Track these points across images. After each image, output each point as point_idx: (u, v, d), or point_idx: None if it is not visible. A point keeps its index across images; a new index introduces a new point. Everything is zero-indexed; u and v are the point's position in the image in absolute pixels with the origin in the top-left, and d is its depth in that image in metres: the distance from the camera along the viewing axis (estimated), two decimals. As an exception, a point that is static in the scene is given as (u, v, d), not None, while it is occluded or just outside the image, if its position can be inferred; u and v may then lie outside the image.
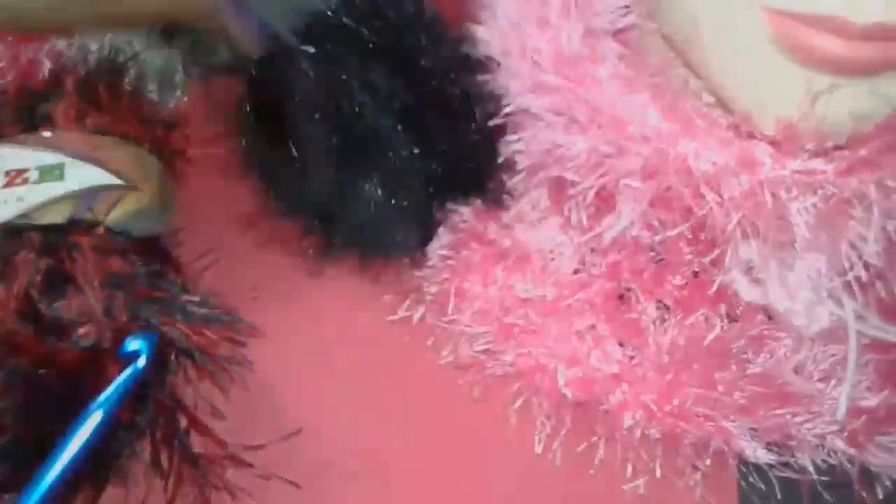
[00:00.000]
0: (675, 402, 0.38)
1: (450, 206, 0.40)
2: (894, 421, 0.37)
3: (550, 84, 0.36)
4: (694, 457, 0.37)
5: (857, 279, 0.34)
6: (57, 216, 0.37)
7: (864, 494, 0.37)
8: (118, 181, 0.39)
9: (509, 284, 0.41)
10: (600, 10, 0.36)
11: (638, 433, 0.38)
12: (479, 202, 0.42)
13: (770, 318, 0.38)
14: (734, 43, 0.32)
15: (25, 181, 0.37)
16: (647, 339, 0.39)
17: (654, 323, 0.40)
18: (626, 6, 0.37)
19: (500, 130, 0.40)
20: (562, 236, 0.43)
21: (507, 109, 0.38)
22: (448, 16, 0.44)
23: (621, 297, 0.41)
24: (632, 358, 0.39)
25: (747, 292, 0.37)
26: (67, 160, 0.39)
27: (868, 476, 0.37)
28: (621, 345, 0.40)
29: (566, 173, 0.37)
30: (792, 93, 0.31)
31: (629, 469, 0.38)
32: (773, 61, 0.31)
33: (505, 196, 0.41)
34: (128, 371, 0.34)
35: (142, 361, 0.34)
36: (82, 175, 0.39)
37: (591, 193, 0.37)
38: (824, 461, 0.37)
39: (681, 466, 0.38)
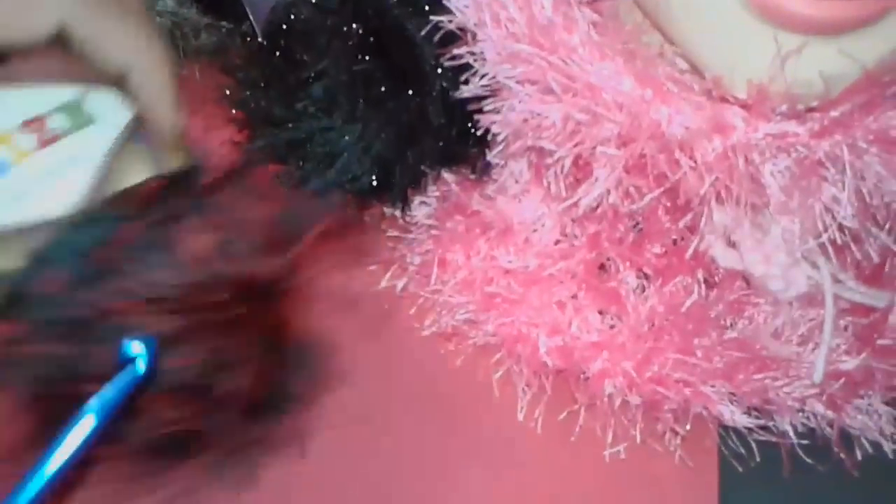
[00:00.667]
0: (655, 368, 0.38)
1: (428, 167, 0.41)
2: (872, 383, 0.37)
3: (524, 53, 0.36)
4: (674, 422, 0.38)
5: (833, 241, 0.34)
6: (137, 173, 0.32)
7: (842, 456, 0.37)
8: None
9: (492, 255, 0.42)
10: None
11: (618, 400, 0.39)
12: (459, 171, 0.43)
13: (748, 283, 0.39)
14: (703, 4, 0.32)
15: (56, 136, 0.31)
16: (627, 307, 0.39)
17: (633, 291, 0.40)
18: (600, -27, 0.37)
19: (476, 100, 0.40)
20: (543, 207, 0.43)
21: (484, 80, 0.39)
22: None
23: (602, 266, 0.41)
24: (612, 326, 0.40)
25: (724, 258, 0.37)
26: (79, 90, 0.33)
27: (847, 439, 0.37)
28: (601, 313, 0.40)
29: (543, 143, 0.37)
30: (762, 54, 0.31)
31: (610, 435, 0.38)
32: (743, 22, 0.31)
33: (482, 163, 0.41)
34: (125, 376, 0.30)
35: (141, 366, 0.30)
36: (105, 107, 0.33)
37: (568, 162, 0.37)
38: (803, 424, 0.38)
39: (661, 432, 0.38)
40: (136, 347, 0.30)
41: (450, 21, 0.39)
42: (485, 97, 0.39)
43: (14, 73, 0.32)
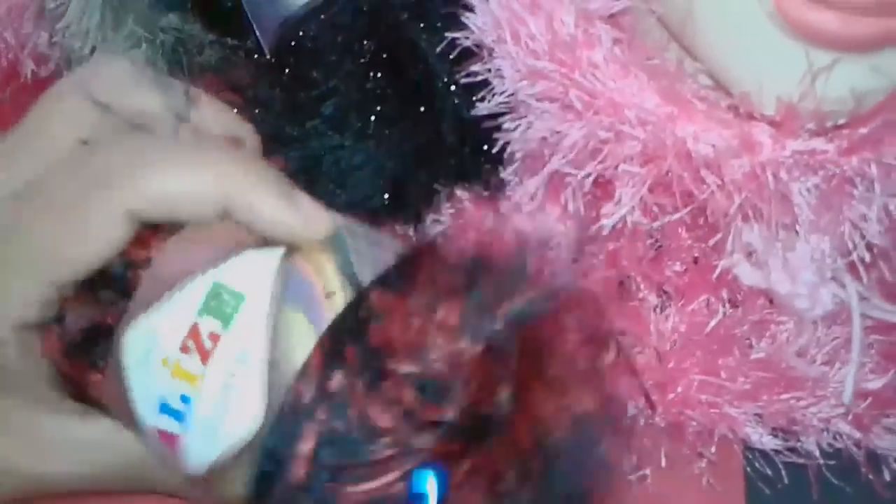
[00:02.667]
0: (679, 389, 0.37)
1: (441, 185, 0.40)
2: (899, 402, 0.37)
3: (545, 70, 0.35)
4: (699, 444, 0.37)
5: (860, 259, 0.34)
6: (297, 336, 0.28)
7: (870, 477, 0.37)
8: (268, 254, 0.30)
9: (507, 275, 0.41)
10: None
11: (642, 422, 0.38)
12: (472, 188, 0.42)
13: (772, 302, 0.38)
14: (731, 21, 0.31)
15: (214, 337, 0.28)
16: (649, 326, 0.39)
17: (654, 310, 0.40)
18: (620, -11, 0.37)
19: (493, 117, 0.39)
20: (560, 226, 0.42)
21: (501, 98, 0.38)
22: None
23: (621, 284, 0.40)
24: (634, 346, 0.39)
25: (749, 276, 0.37)
26: (214, 274, 0.29)
27: (874, 459, 0.37)
28: (622, 333, 0.39)
29: (562, 164, 0.37)
30: (792, 71, 0.31)
31: (634, 458, 0.37)
32: (772, 38, 0.31)
33: (496, 180, 0.41)
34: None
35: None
36: (247, 275, 0.29)
37: (589, 181, 0.37)
38: (830, 445, 0.37)
39: (686, 454, 0.37)
40: (430, 484, 0.26)
41: (467, 38, 0.38)
42: (501, 114, 0.39)
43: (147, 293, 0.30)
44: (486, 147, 0.41)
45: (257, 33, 0.47)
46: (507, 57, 0.37)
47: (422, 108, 0.41)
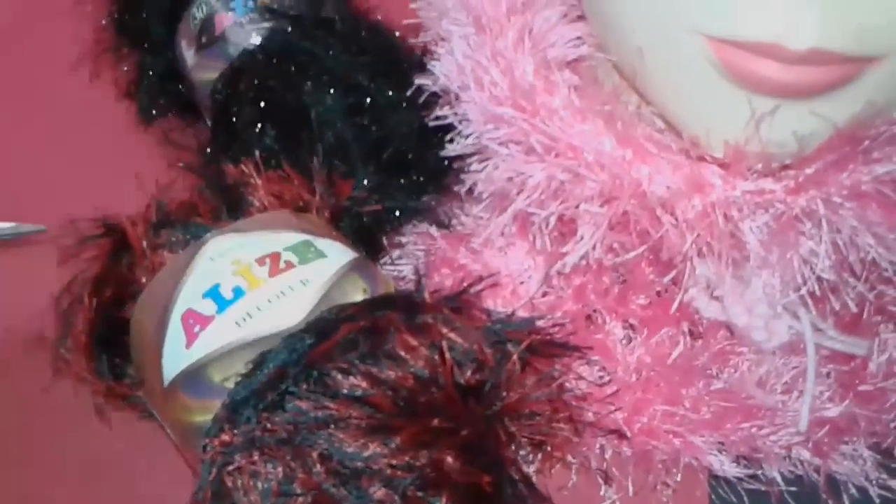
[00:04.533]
0: (644, 419, 0.38)
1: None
2: (855, 429, 0.38)
3: (507, 115, 0.37)
4: (665, 473, 0.38)
5: (812, 293, 0.35)
6: (357, 294, 0.35)
7: (830, 502, 0.38)
8: (353, 251, 0.37)
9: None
10: (554, 41, 0.38)
11: (609, 452, 0.39)
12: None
13: (731, 333, 0.39)
14: (679, 70, 0.33)
15: (290, 264, 0.35)
16: (616, 357, 0.40)
17: (620, 342, 0.41)
18: (579, 37, 0.39)
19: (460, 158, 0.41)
20: (529, 260, 0.44)
21: (468, 140, 0.40)
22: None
23: (589, 317, 0.42)
24: (601, 377, 0.40)
25: (707, 309, 0.38)
26: (308, 237, 0.36)
27: (834, 484, 0.38)
28: (590, 365, 0.41)
29: (526, 204, 0.38)
30: (737, 116, 0.32)
31: (603, 488, 0.38)
32: (718, 86, 0.32)
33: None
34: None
35: None
36: (332, 249, 0.36)
37: (553, 219, 0.38)
38: (791, 472, 0.38)
39: (653, 483, 0.38)
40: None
41: (433, 84, 0.40)
42: (469, 155, 0.41)
43: (251, 223, 0.37)
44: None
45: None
46: (472, 102, 0.38)
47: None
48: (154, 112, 0.57)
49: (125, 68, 0.57)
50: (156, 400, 0.35)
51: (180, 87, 0.55)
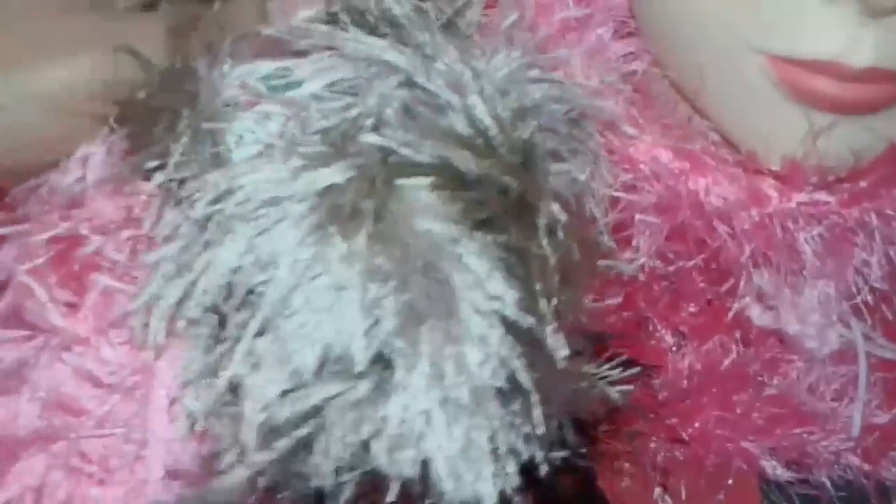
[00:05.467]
0: (697, 424, 0.39)
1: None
2: (905, 436, 0.39)
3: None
4: (717, 477, 0.39)
5: (864, 303, 0.36)
6: None
7: (880, 507, 0.39)
8: None
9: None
10: (610, 57, 0.39)
11: (661, 456, 0.40)
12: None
13: (782, 342, 0.40)
14: (739, 88, 0.34)
15: None
16: (667, 364, 0.41)
17: (671, 349, 0.42)
18: (632, 52, 0.40)
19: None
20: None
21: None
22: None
23: (638, 324, 0.43)
24: (653, 383, 0.41)
25: (760, 318, 0.39)
26: None
27: (883, 490, 0.39)
28: (641, 371, 0.42)
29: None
30: (795, 131, 0.33)
31: (656, 492, 0.39)
32: (776, 103, 0.33)
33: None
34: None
35: None
36: None
37: (608, 228, 0.39)
38: (840, 477, 0.39)
39: (704, 487, 0.39)
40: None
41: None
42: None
43: None
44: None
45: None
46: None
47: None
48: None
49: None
50: None
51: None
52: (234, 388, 0.22)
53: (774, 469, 0.38)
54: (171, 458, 0.24)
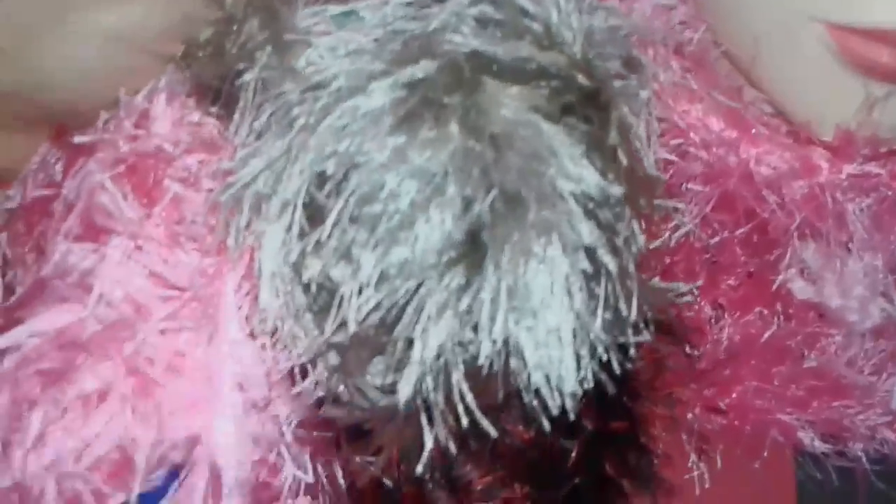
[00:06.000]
0: (734, 395, 0.40)
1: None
2: (943, 412, 0.39)
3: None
4: (753, 447, 0.39)
5: (908, 276, 0.36)
6: None
7: (915, 482, 0.39)
8: None
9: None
10: (660, 26, 0.39)
11: (698, 426, 0.40)
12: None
13: (821, 316, 0.41)
14: (794, 57, 0.34)
15: None
16: (706, 335, 0.41)
17: (710, 321, 0.42)
18: (684, 22, 0.40)
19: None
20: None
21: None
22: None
23: (680, 296, 0.43)
24: (691, 356, 0.41)
25: (802, 291, 0.39)
26: None
27: (919, 465, 0.39)
28: (683, 347, 0.42)
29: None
30: (849, 101, 0.33)
31: (691, 459, 0.40)
32: (833, 72, 0.33)
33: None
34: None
35: None
36: None
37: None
38: (877, 451, 0.39)
39: (740, 456, 0.40)
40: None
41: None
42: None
43: None
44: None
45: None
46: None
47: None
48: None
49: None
50: None
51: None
52: (319, 286, 0.22)
53: (811, 441, 0.39)
54: (239, 365, 0.24)
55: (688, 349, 0.38)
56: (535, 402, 0.23)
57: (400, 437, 0.25)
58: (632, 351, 0.29)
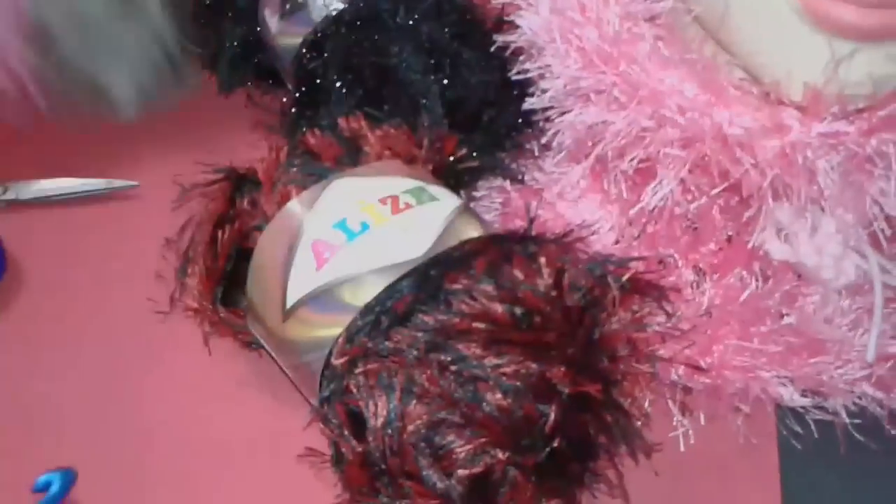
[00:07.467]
0: (715, 354, 0.41)
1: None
2: (917, 358, 0.40)
3: (592, 65, 0.39)
4: (735, 404, 0.41)
5: (881, 231, 0.37)
6: (472, 231, 0.38)
7: (894, 433, 0.40)
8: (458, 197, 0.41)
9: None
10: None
11: (682, 386, 0.41)
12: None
13: (799, 276, 0.42)
14: (762, 18, 0.35)
15: (408, 205, 0.38)
16: (687, 298, 0.42)
17: (691, 286, 0.43)
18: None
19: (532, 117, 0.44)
20: (601, 211, 0.46)
21: (551, 93, 0.42)
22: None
23: (661, 262, 0.44)
24: (672, 315, 0.42)
25: (778, 251, 0.40)
26: (422, 183, 0.40)
27: (896, 417, 0.40)
28: (662, 307, 0.43)
29: (607, 151, 0.41)
30: (817, 60, 0.34)
31: (675, 417, 0.41)
32: (799, 32, 0.34)
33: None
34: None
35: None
36: (442, 194, 0.40)
37: (634, 164, 0.40)
38: (855, 404, 0.40)
39: (724, 413, 0.41)
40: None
41: (518, 39, 0.42)
42: (547, 109, 0.43)
43: (370, 169, 0.41)
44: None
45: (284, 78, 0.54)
46: (557, 55, 0.41)
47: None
48: (234, 82, 0.60)
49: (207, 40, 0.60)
50: (269, 323, 0.38)
51: (259, 56, 0.58)
52: None
53: (791, 395, 0.40)
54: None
55: (669, 309, 0.39)
56: None
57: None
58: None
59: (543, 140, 0.45)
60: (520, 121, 0.50)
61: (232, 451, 0.41)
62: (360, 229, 0.37)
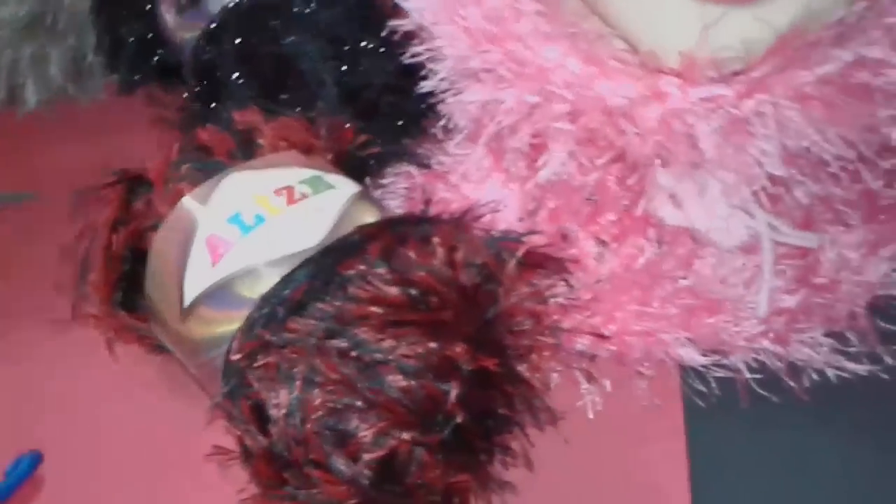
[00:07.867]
0: (618, 322, 0.42)
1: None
2: (812, 318, 0.41)
3: (478, 45, 0.40)
4: (639, 368, 0.41)
5: (765, 191, 0.39)
6: (368, 217, 0.38)
7: (792, 384, 0.41)
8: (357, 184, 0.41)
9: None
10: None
11: (587, 355, 0.42)
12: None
13: (694, 240, 0.43)
14: (634, -13, 0.36)
15: (304, 195, 0.38)
16: (590, 270, 0.43)
17: (594, 257, 0.44)
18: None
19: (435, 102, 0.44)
20: (504, 191, 0.47)
21: (441, 75, 0.43)
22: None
23: (564, 236, 0.45)
24: (573, 286, 0.43)
25: (672, 217, 0.41)
26: (319, 172, 0.40)
27: (795, 370, 0.41)
28: (566, 279, 0.44)
29: (499, 129, 0.41)
30: (689, 27, 0.35)
31: (583, 386, 0.41)
32: (671, 0, 0.35)
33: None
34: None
35: None
36: (340, 182, 0.40)
37: (526, 141, 0.41)
38: (755, 360, 0.41)
39: (628, 378, 0.42)
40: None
41: (408, 23, 0.43)
42: (444, 92, 0.43)
43: (265, 161, 0.41)
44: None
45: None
46: (445, 37, 0.41)
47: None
48: (135, 80, 0.59)
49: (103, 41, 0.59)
50: (170, 324, 0.38)
51: (160, 53, 0.57)
52: None
53: (692, 356, 0.41)
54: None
55: (569, 281, 0.40)
56: None
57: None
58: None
59: (443, 123, 0.46)
60: (423, 106, 0.50)
61: (141, 456, 0.40)
62: (255, 222, 0.37)
